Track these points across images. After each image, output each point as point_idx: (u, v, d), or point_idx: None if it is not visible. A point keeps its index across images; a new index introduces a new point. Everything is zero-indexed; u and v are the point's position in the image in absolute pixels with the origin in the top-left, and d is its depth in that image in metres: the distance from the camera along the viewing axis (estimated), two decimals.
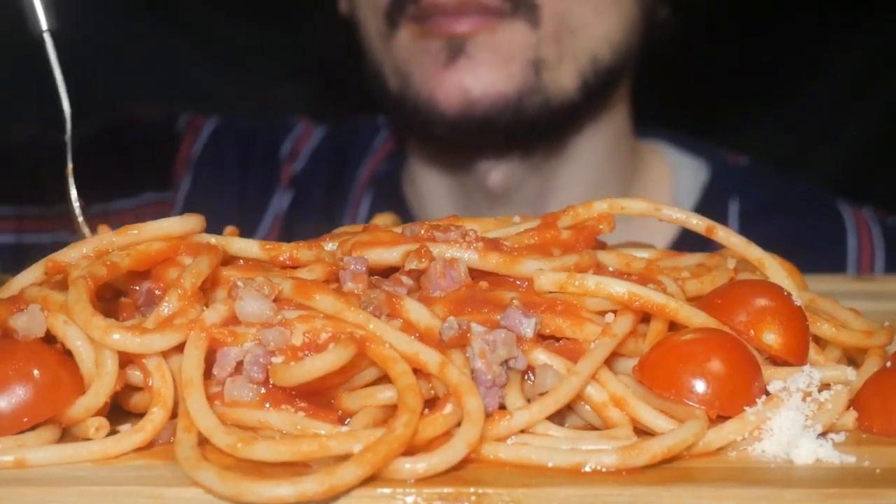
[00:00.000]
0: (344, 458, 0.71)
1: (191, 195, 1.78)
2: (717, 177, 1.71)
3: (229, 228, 0.96)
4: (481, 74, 1.48)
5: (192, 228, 0.85)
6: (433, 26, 1.47)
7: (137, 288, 0.85)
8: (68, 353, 0.79)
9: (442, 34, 1.47)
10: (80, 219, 0.95)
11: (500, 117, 1.49)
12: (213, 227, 0.89)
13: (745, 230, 0.98)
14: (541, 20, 1.48)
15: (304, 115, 1.90)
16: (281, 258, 0.88)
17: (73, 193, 0.93)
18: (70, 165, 0.93)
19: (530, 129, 1.53)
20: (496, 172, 1.60)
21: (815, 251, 1.60)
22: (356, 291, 0.82)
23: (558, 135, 1.60)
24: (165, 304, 0.79)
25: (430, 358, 0.76)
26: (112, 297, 0.86)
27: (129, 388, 0.80)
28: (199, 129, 1.84)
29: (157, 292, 0.83)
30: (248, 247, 0.88)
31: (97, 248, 0.84)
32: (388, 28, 1.53)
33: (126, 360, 0.78)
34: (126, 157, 1.76)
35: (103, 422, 0.78)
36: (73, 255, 0.84)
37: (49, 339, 0.80)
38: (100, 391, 0.77)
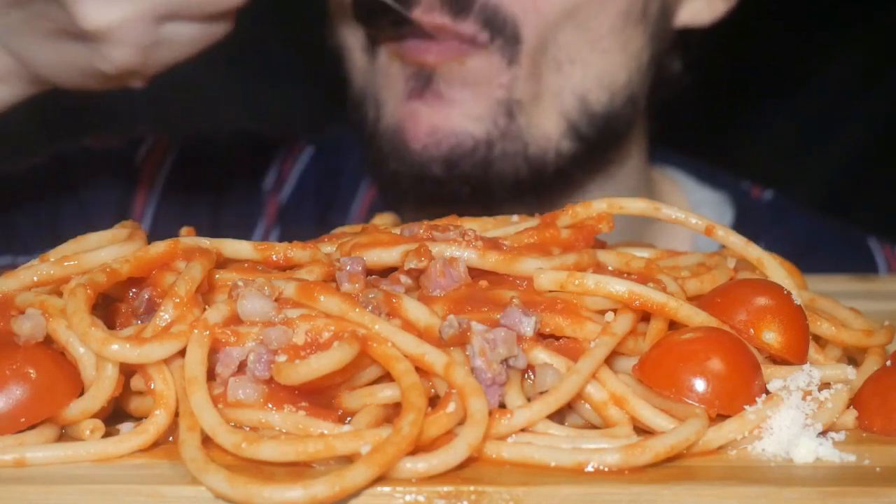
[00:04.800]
0: (349, 457, 0.71)
1: (154, 231, 1.57)
2: (742, 216, 1.58)
3: (185, 229, 0.95)
4: (449, 113, 1.32)
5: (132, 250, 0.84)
6: (408, 50, 1.33)
7: (133, 294, 0.84)
8: (64, 354, 0.79)
9: (414, 61, 1.33)
10: None
11: (465, 160, 1.32)
12: None
13: None
14: (519, 57, 1.30)
15: (287, 129, 1.74)
16: (274, 258, 0.87)
17: None
18: None
19: (510, 185, 1.34)
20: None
21: None
22: (353, 292, 0.82)
23: (554, 195, 1.39)
24: (162, 312, 0.79)
25: (436, 359, 0.76)
26: (105, 304, 0.86)
27: (130, 392, 0.80)
28: (164, 154, 1.63)
29: (157, 300, 0.83)
30: (241, 247, 0.88)
31: (32, 281, 0.83)
32: (370, 46, 1.39)
33: (129, 366, 0.78)
34: (81, 195, 1.58)
35: (98, 424, 0.77)
36: (10, 283, 0.83)
37: (45, 338, 0.79)
38: (97, 395, 0.77)
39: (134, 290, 0.84)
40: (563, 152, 1.35)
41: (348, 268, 0.83)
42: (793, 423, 0.77)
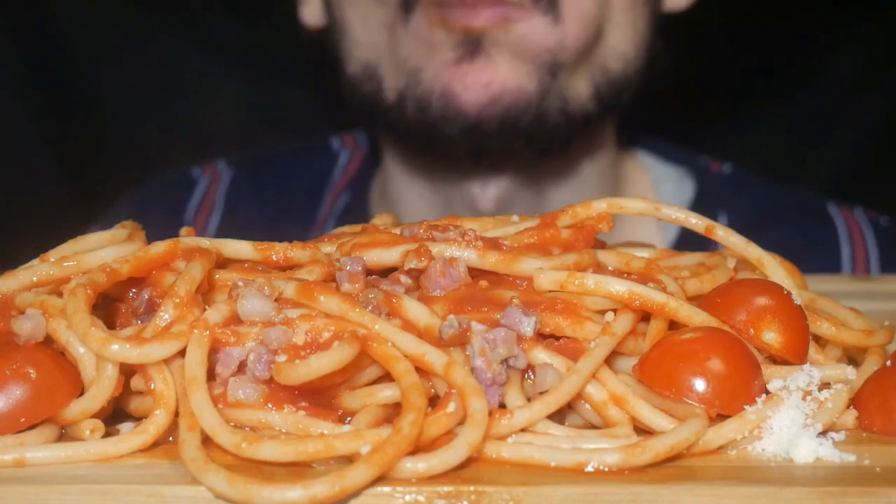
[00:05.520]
0: (349, 457, 0.71)
1: None
2: (703, 189, 1.64)
3: (185, 229, 0.95)
4: (500, 72, 1.39)
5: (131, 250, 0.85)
6: (452, 17, 1.37)
7: (133, 294, 0.84)
8: (64, 354, 0.79)
9: (458, 28, 1.38)
10: None
11: (522, 115, 1.40)
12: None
13: None
14: (562, 15, 1.38)
15: (209, 159, 1.75)
16: (274, 258, 0.88)
17: None
18: None
19: (550, 139, 1.44)
20: (490, 191, 1.52)
21: (808, 259, 1.56)
22: (353, 292, 0.82)
23: (568, 149, 1.51)
24: (162, 312, 0.79)
25: (436, 359, 0.76)
26: (105, 304, 0.86)
27: (130, 392, 0.80)
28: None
29: (157, 300, 0.83)
30: (241, 247, 0.88)
31: (31, 281, 0.83)
32: (402, 14, 1.41)
33: (129, 366, 0.78)
34: None
35: (98, 424, 0.77)
36: (10, 283, 0.83)
37: (45, 339, 0.79)
38: (97, 395, 0.77)
39: (134, 290, 0.84)
40: (589, 113, 1.46)
41: (348, 268, 0.83)
42: (793, 423, 0.77)
